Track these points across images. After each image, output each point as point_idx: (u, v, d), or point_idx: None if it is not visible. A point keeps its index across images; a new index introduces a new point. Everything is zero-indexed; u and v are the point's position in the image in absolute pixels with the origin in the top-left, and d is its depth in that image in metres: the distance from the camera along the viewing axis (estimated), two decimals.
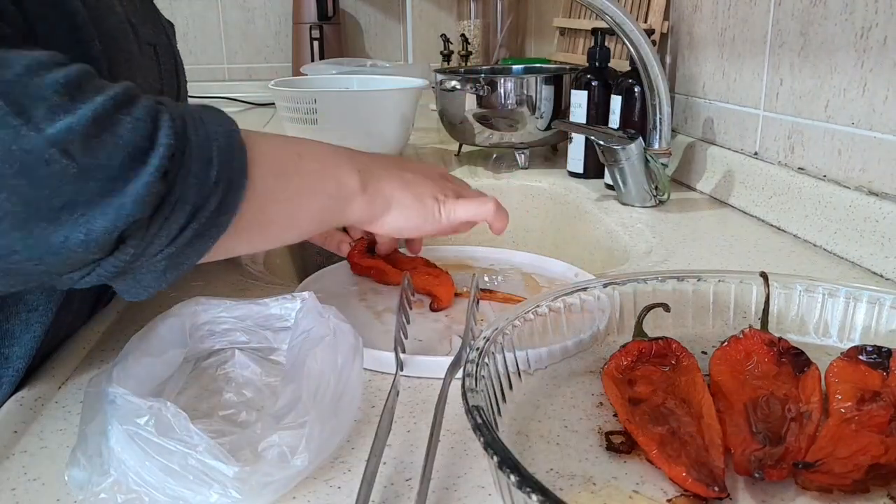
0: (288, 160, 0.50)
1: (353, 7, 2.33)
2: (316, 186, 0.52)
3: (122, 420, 0.36)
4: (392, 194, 0.57)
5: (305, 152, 0.52)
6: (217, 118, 0.45)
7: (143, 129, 0.39)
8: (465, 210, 0.60)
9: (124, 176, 0.38)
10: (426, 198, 0.58)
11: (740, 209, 0.91)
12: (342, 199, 0.54)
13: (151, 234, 0.40)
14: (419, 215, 0.58)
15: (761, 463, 0.38)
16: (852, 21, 0.72)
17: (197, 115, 0.44)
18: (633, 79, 1.00)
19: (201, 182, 0.42)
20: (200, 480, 0.35)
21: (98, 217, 0.38)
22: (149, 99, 0.41)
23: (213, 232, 0.43)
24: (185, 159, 0.41)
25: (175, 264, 0.43)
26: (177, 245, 0.42)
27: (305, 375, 0.40)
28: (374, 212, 0.56)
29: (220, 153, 0.43)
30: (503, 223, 0.63)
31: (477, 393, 0.39)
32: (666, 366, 0.49)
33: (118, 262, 0.40)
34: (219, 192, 0.43)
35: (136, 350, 0.44)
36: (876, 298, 0.52)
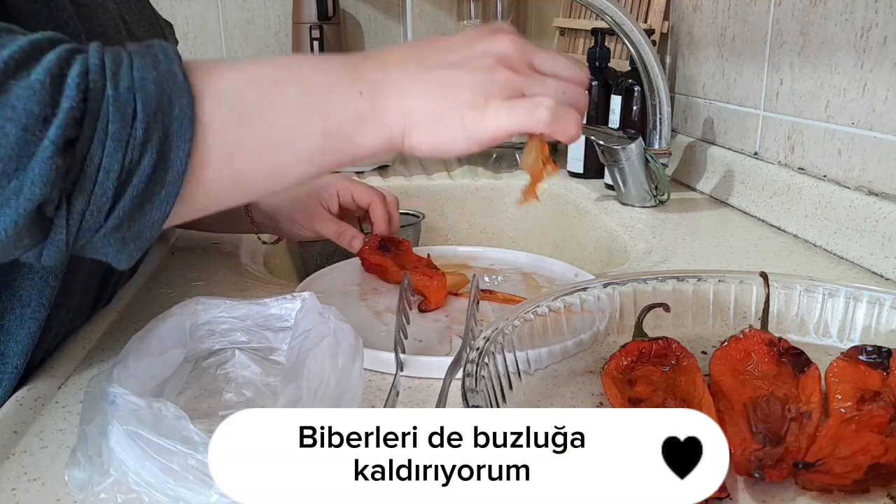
0: (258, 94, 0.41)
1: (353, 7, 2.33)
2: (299, 124, 0.41)
3: (122, 420, 0.36)
4: (409, 109, 0.43)
5: (285, 78, 0.42)
6: (152, 57, 0.38)
7: (41, 94, 0.34)
8: (509, 119, 0.44)
9: (25, 152, 0.33)
10: (455, 106, 0.44)
11: (740, 209, 0.91)
12: (342, 133, 0.43)
13: (78, 210, 0.36)
14: (447, 130, 0.44)
15: (761, 463, 0.38)
16: (852, 21, 0.72)
17: (126, 59, 0.37)
18: (633, 79, 1.00)
19: (124, 143, 0.36)
20: (200, 480, 0.35)
21: (3, 206, 0.34)
22: (60, 51, 0.35)
23: (163, 194, 0.38)
24: (99, 120, 0.35)
25: (132, 235, 0.38)
26: (118, 216, 0.37)
27: (305, 375, 0.40)
28: (393, 135, 0.44)
29: (146, 103, 0.36)
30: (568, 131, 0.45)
31: (477, 393, 0.39)
32: (666, 366, 0.49)
33: (57, 242, 0.37)
34: (151, 151, 0.36)
35: (136, 350, 0.44)
36: (876, 298, 0.52)
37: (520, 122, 0.44)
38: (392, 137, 0.44)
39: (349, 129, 0.43)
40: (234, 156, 0.40)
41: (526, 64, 0.46)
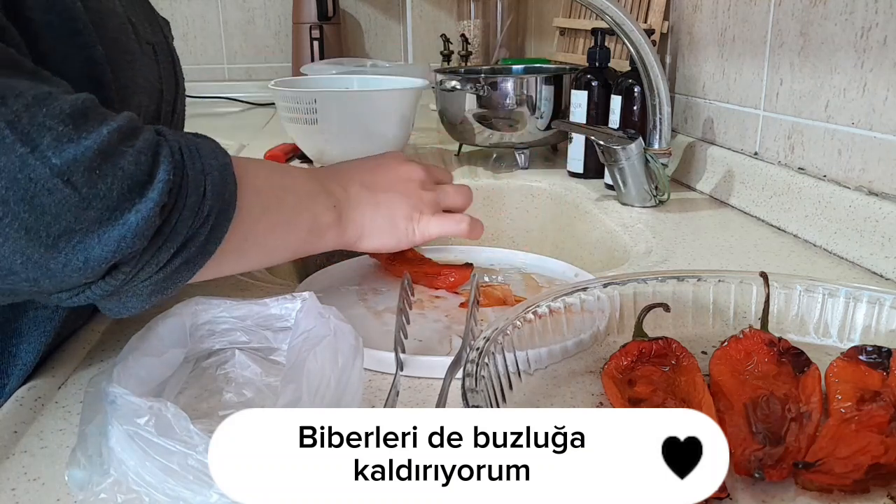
0: (272, 192, 0.53)
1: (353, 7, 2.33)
2: (294, 220, 0.55)
3: (122, 420, 0.36)
4: (363, 223, 0.60)
5: (289, 185, 0.55)
6: (212, 150, 0.46)
7: (144, 163, 0.40)
8: (439, 228, 0.64)
9: (123, 207, 0.39)
10: (399, 220, 0.62)
11: (740, 209, 0.91)
12: (316, 232, 0.57)
13: (144, 261, 0.42)
14: (392, 237, 0.62)
15: (761, 463, 0.38)
16: (852, 21, 0.72)
17: (194, 147, 0.45)
18: (633, 79, 1.00)
19: (194, 214, 0.43)
20: (200, 480, 0.35)
21: (96, 246, 0.39)
22: (150, 131, 0.42)
23: (199, 259, 0.45)
24: (181, 193, 0.42)
25: (161, 288, 0.45)
26: (165, 272, 0.44)
27: (306, 376, 0.40)
28: (349, 240, 0.60)
29: (213, 187, 0.44)
30: (477, 234, 0.67)
31: (477, 393, 0.39)
32: (666, 366, 0.49)
33: (108, 286, 0.42)
34: (209, 224, 0.44)
35: (136, 350, 0.44)
36: (876, 298, 0.52)
37: (448, 230, 0.64)
38: (348, 241, 0.60)
39: (323, 231, 0.57)
40: (248, 237, 0.50)
41: (433, 181, 0.67)
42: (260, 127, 1.69)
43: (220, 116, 1.95)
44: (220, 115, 1.95)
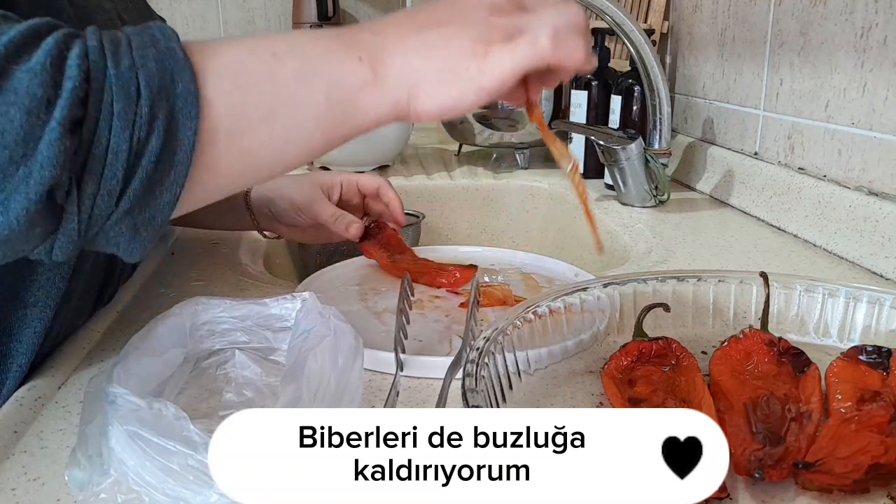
0: (258, 66, 0.41)
1: (353, 7, 2.33)
2: (300, 93, 0.41)
3: (122, 420, 0.36)
4: (411, 73, 0.43)
5: (283, 50, 0.41)
6: (150, 36, 0.37)
7: (42, 75, 0.33)
8: (512, 58, 0.43)
9: (32, 136, 0.33)
10: (458, 60, 0.43)
11: (740, 209, 0.91)
12: (346, 101, 0.42)
13: (88, 194, 0.36)
14: (454, 87, 0.43)
15: (761, 463, 0.38)
16: (852, 21, 0.72)
17: (124, 39, 0.37)
18: (633, 79, 1.00)
19: (130, 123, 0.35)
20: (200, 481, 0.35)
21: (13, 193, 0.34)
22: (59, 35, 0.35)
23: (172, 175, 0.37)
24: (103, 101, 0.35)
25: (143, 220, 0.38)
26: (129, 200, 0.37)
27: (306, 376, 0.40)
28: (398, 102, 0.43)
29: (149, 80, 0.36)
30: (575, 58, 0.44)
31: (477, 393, 0.39)
32: (666, 366, 0.49)
33: (68, 231, 0.36)
34: (158, 129, 0.36)
35: (136, 350, 0.44)
36: (876, 298, 0.52)
37: (524, 58, 0.43)
38: (397, 103, 0.43)
39: (352, 97, 0.42)
40: (241, 130, 0.40)
41: (516, 6, 0.45)
42: None
43: None
44: None
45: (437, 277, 0.67)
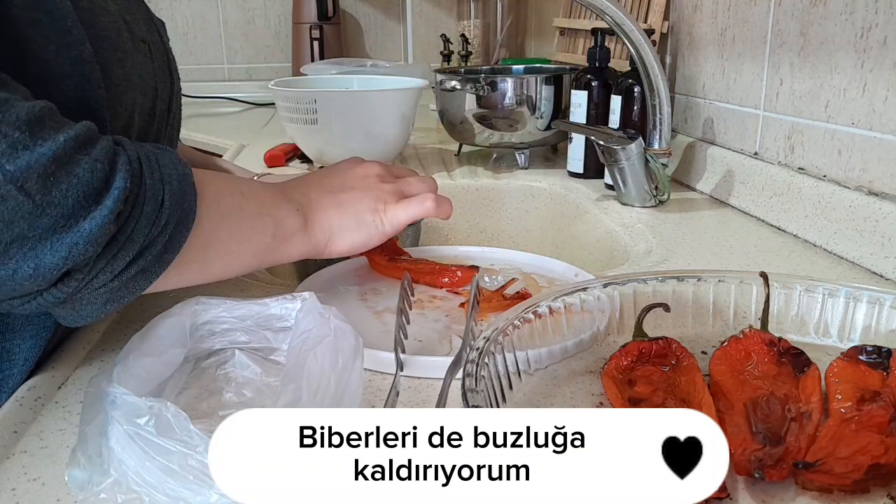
0: (233, 200, 0.52)
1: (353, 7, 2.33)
2: (257, 226, 0.54)
3: (123, 420, 0.36)
4: (331, 224, 0.59)
5: (249, 192, 0.54)
6: (172, 161, 0.46)
7: (100, 171, 0.40)
8: (406, 213, 0.62)
9: (78, 215, 0.39)
10: (365, 214, 0.61)
11: (740, 209, 0.91)
12: (282, 237, 0.55)
13: (97, 269, 0.42)
14: (362, 234, 0.60)
15: (761, 463, 0.38)
16: (852, 21, 0.72)
17: (154, 157, 0.45)
18: (633, 79, 1.00)
19: (151, 223, 0.43)
20: (200, 481, 0.35)
21: (48, 252, 0.39)
22: (107, 140, 0.42)
23: (156, 269, 0.45)
24: (138, 201, 0.42)
25: (117, 297, 0.45)
26: (120, 280, 0.43)
27: (306, 376, 0.40)
28: (318, 245, 0.58)
29: (171, 196, 0.44)
30: (447, 212, 0.65)
31: (477, 393, 0.39)
32: (666, 366, 0.49)
33: (60, 293, 0.41)
34: (167, 233, 0.44)
35: (137, 350, 0.44)
36: (876, 298, 0.52)
37: (414, 212, 0.62)
38: (317, 245, 0.58)
39: (288, 236, 0.56)
40: (210, 245, 0.50)
41: (393, 176, 0.66)
42: (260, 127, 1.69)
43: (220, 116, 1.95)
44: (220, 115, 1.95)
45: (438, 278, 0.67)
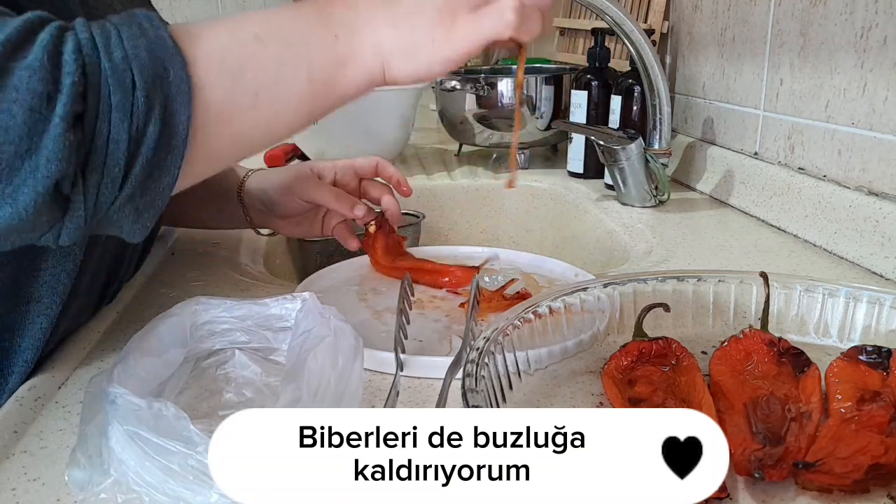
0: (243, 50, 0.43)
1: None
2: (286, 74, 0.44)
3: (123, 420, 0.36)
4: (382, 43, 0.46)
5: (266, 32, 0.44)
6: (140, 28, 0.39)
7: (41, 73, 0.34)
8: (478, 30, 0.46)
9: (35, 131, 0.34)
10: (426, 32, 0.46)
11: (740, 209, 0.91)
12: (327, 77, 0.45)
13: (93, 183, 0.37)
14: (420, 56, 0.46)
15: (761, 463, 0.38)
16: (852, 21, 0.72)
17: (114, 32, 0.38)
18: (633, 79, 1.00)
19: (128, 113, 0.37)
20: (200, 480, 0.35)
21: (21, 186, 0.35)
22: (50, 30, 0.36)
23: (169, 160, 0.39)
24: (101, 93, 0.36)
25: (146, 203, 0.40)
26: (131, 185, 0.38)
27: (306, 376, 0.40)
28: (372, 72, 0.46)
29: (143, 71, 0.37)
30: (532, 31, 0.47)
31: (477, 393, 0.39)
32: (666, 366, 0.49)
33: (76, 218, 0.38)
34: (155, 117, 0.38)
35: (137, 350, 0.44)
36: (876, 298, 0.52)
37: (489, 30, 0.46)
38: (372, 73, 0.46)
39: (332, 73, 0.45)
40: (231, 113, 0.42)
41: None
42: None
43: None
44: None
45: (439, 278, 0.67)
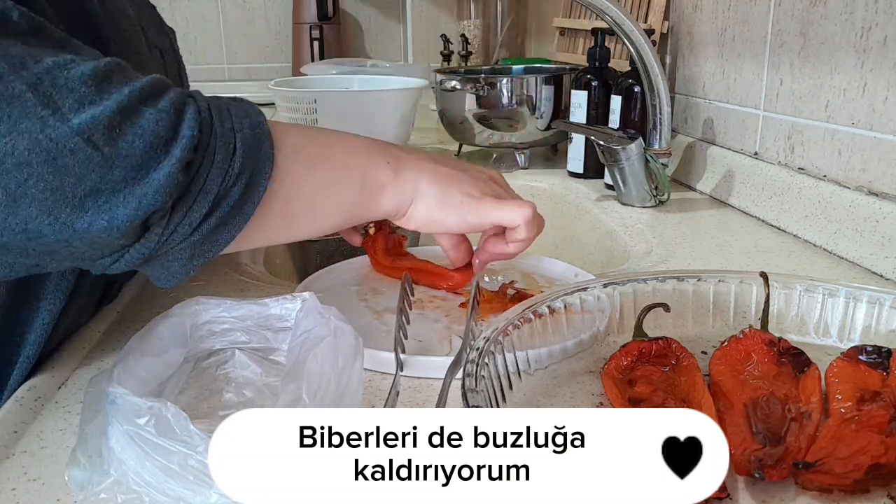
0: (318, 150, 0.50)
1: (353, 7, 2.33)
2: (344, 177, 0.52)
3: (123, 420, 0.36)
4: (420, 186, 0.54)
5: (337, 142, 0.52)
6: (244, 109, 0.46)
7: (166, 121, 0.40)
8: (498, 211, 0.56)
9: (146, 165, 0.39)
10: (455, 192, 0.55)
11: (740, 209, 0.91)
12: (372, 191, 0.53)
13: (175, 222, 0.42)
14: (444, 208, 0.55)
15: (761, 463, 0.38)
16: (852, 21, 0.72)
17: (225, 106, 0.45)
18: (633, 79, 1.00)
19: (224, 172, 0.43)
20: (200, 480, 0.35)
21: (120, 205, 0.39)
22: (176, 92, 0.42)
23: (237, 220, 0.45)
24: (208, 150, 0.42)
25: (201, 252, 0.45)
26: (201, 233, 0.43)
27: (306, 376, 0.40)
28: (404, 201, 0.54)
29: (243, 143, 0.44)
30: (535, 231, 0.58)
31: (477, 393, 0.39)
32: (666, 366, 0.49)
33: (144, 248, 0.42)
34: (242, 182, 0.44)
35: (137, 350, 0.44)
36: (876, 298, 0.52)
37: (508, 214, 0.56)
38: (402, 202, 0.54)
39: (377, 189, 0.53)
40: (292, 198, 0.48)
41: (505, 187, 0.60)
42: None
43: None
44: None
45: (438, 279, 0.67)
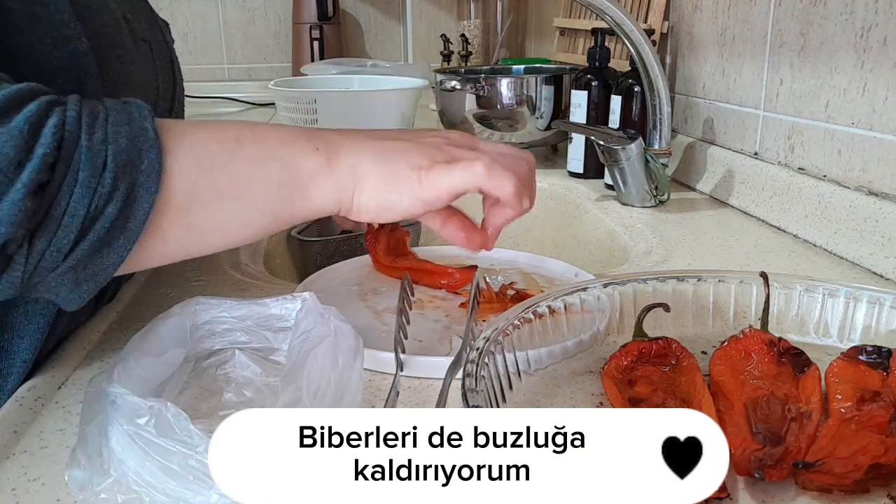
0: (219, 148, 0.44)
1: (353, 7, 2.33)
2: (256, 174, 0.44)
3: (123, 420, 0.36)
4: (360, 169, 0.46)
5: (245, 135, 0.45)
6: (127, 114, 0.41)
7: (18, 141, 0.36)
8: (447, 177, 0.47)
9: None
10: (402, 167, 0.47)
11: (740, 209, 0.91)
12: (297, 185, 0.45)
13: (38, 249, 0.38)
14: (393, 188, 0.47)
15: (761, 463, 0.38)
16: (852, 21, 0.72)
17: (103, 113, 0.40)
18: (633, 79, 1.00)
19: (92, 191, 0.38)
20: (200, 480, 0.35)
21: None
22: (42, 103, 0.38)
23: (121, 241, 0.40)
24: (70, 168, 0.38)
25: (87, 276, 0.41)
26: (76, 258, 0.39)
27: (306, 376, 0.40)
28: (344, 190, 0.46)
29: (117, 155, 0.39)
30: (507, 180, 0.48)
31: (477, 393, 0.39)
32: (666, 366, 0.49)
33: (12, 278, 0.38)
34: (118, 199, 0.39)
35: (137, 350, 0.44)
36: (876, 298, 0.52)
37: (460, 179, 0.47)
38: (343, 192, 0.46)
39: (304, 181, 0.45)
40: (191, 206, 0.42)
41: (468, 144, 0.51)
42: None
43: (221, 116, 1.94)
44: (221, 115, 1.95)
45: (438, 278, 0.67)
